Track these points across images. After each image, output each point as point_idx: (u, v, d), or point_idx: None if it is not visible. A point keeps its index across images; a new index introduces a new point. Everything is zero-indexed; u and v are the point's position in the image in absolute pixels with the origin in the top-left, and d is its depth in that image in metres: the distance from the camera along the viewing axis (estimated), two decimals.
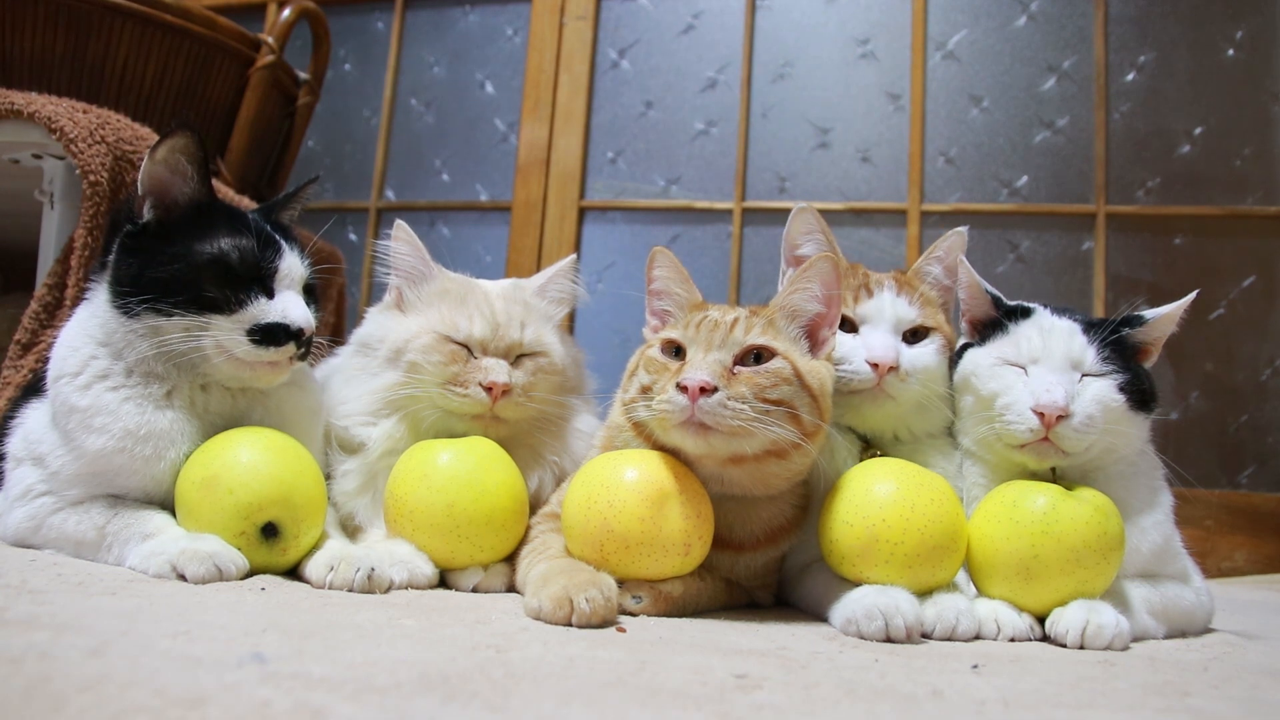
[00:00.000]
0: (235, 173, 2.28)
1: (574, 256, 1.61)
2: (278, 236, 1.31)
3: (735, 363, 1.19)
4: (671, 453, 1.22)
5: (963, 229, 1.48)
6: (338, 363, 1.53)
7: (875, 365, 1.32)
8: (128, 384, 1.24)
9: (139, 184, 1.26)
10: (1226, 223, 2.92)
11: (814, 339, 1.28)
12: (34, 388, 1.37)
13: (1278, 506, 2.75)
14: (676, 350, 1.24)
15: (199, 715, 0.57)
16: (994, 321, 1.38)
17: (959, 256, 1.44)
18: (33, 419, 1.32)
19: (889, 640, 1.09)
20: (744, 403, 1.14)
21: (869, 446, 1.38)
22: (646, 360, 1.26)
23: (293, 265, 1.30)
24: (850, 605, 1.14)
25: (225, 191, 2.00)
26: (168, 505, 1.25)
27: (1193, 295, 1.32)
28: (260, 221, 1.32)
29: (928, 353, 1.38)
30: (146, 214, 1.26)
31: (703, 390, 1.13)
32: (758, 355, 1.20)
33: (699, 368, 1.16)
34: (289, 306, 1.27)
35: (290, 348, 1.26)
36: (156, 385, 1.25)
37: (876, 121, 3.18)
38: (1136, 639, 1.22)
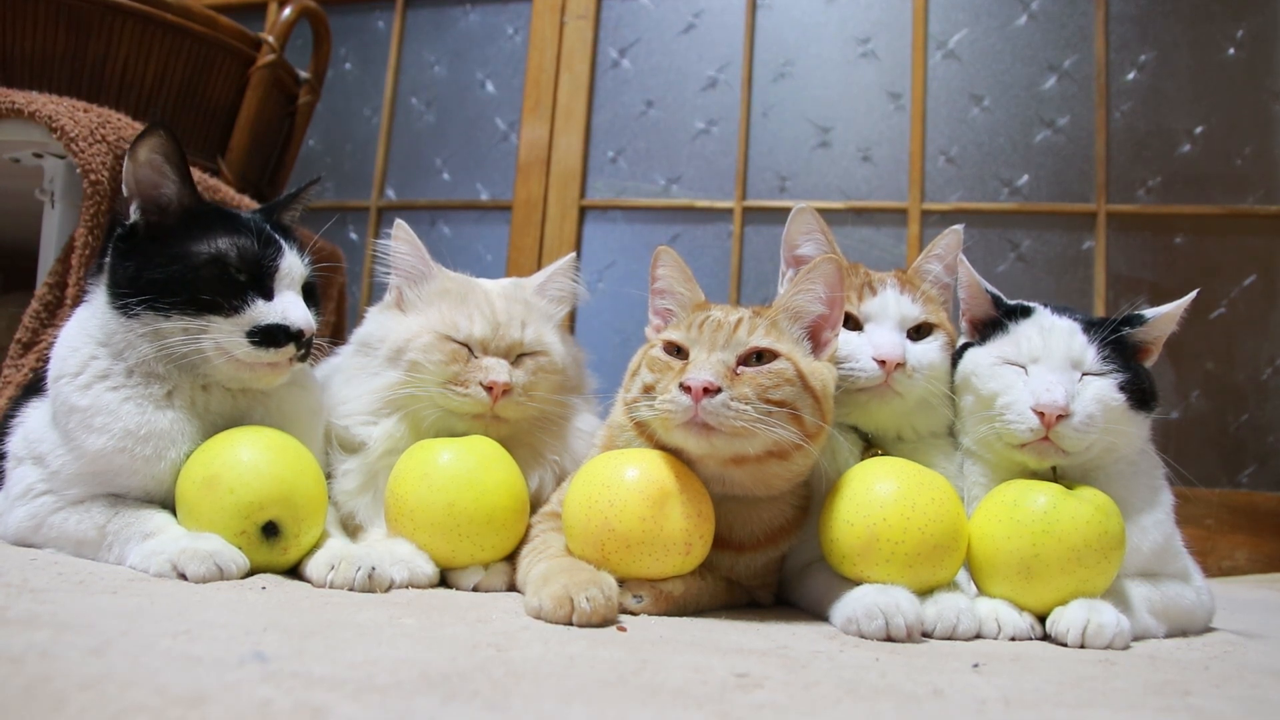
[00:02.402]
0: (236, 172, 2.28)
1: (573, 255, 1.60)
2: (277, 236, 1.30)
3: (738, 363, 1.19)
4: (673, 452, 1.22)
5: (959, 227, 1.48)
6: (338, 362, 1.53)
7: (882, 362, 1.32)
8: (128, 384, 1.24)
9: (124, 186, 1.26)
10: (1227, 222, 2.92)
11: (817, 340, 1.28)
12: (35, 387, 1.37)
13: (1278, 506, 2.75)
14: (678, 350, 1.24)
15: (200, 714, 0.57)
16: (994, 321, 1.37)
17: (958, 255, 1.44)
18: (34, 418, 1.32)
19: (890, 639, 1.09)
20: (747, 403, 1.14)
21: (870, 445, 1.38)
22: (649, 360, 1.26)
23: (292, 265, 1.29)
24: (851, 604, 1.14)
25: (225, 191, 2.00)
26: (168, 505, 1.25)
27: (1193, 294, 1.32)
28: (260, 222, 1.32)
29: (932, 349, 1.38)
30: (134, 215, 1.26)
31: (706, 390, 1.13)
32: (759, 356, 1.20)
33: (702, 368, 1.16)
34: (288, 307, 1.26)
35: (290, 349, 1.26)
36: (157, 385, 1.25)
37: (877, 121, 3.17)
38: (1137, 638, 1.22)
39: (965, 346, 1.39)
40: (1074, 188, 3.02)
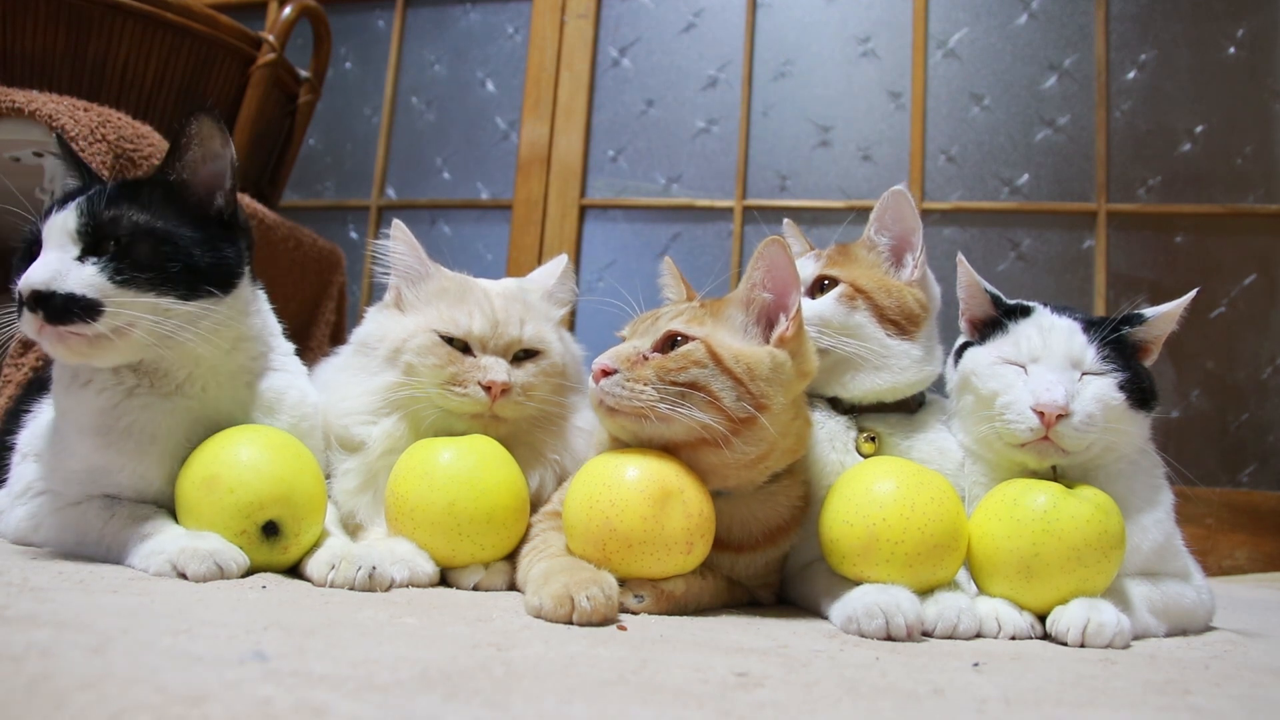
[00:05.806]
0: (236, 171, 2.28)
1: (565, 255, 1.64)
2: (54, 201, 1.20)
3: (654, 349, 1.22)
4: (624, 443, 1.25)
5: (898, 187, 1.45)
6: (338, 361, 1.53)
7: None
8: (100, 379, 1.23)
9: None
10: (1227, 221, 2.92)
11: (773, 326, 1.26)
12: (46, 385, 1.36)
13: (1278, 505, 2.75)
14: None
15: (200, 713, 0.57)
16: (994, 320, 1.37)
17: (907, 215, 1.43)
18: (41, 417, 1.32)
19: (890, 639, 1.09)
20: (645, 384, 1.16)
21: (862, 429, 1.38)
22: None
23: (56, 222, 1.15)
24: (851, 603, 1.13)
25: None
26: (162, 504, 1.25)
27: (1193, 293, 1.32)
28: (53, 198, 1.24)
29: (821, 302, 1.39)
30: None
31: (605, 373, 1.18)
32: (675, 341, 1.22)
33: (606, 354, 1.21)
34: (31, 269, 1.12)
35: (28, 316, 1.11)
36: (122, 376, 1.23)
37: (877, 120, 3.17)
38: (1137, 637, 1.22)
39: (965, 346, 1.39)
40: (1074, 187, 3.02)
